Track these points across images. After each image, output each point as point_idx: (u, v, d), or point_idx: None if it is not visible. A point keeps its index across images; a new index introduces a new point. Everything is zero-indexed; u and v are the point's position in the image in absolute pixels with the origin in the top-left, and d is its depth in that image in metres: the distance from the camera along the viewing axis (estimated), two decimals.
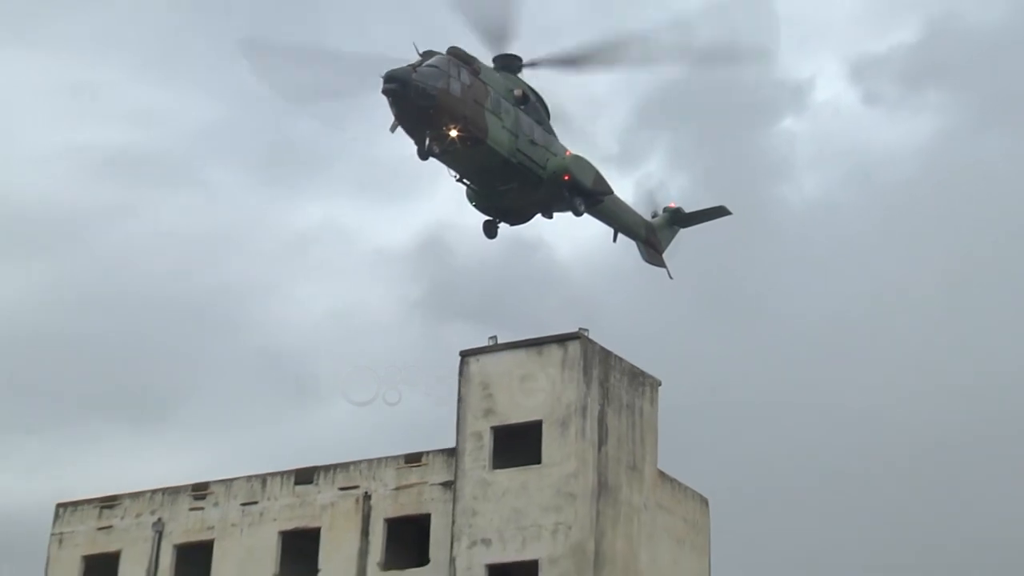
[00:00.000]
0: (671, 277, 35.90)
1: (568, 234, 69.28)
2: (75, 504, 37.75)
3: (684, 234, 37.51)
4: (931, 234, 76.00)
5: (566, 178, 29.64)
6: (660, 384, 35.24)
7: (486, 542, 31.50)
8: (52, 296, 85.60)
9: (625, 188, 34.39)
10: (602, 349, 33.43)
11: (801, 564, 62.27)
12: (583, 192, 30.11)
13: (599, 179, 30.72)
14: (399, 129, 26.91)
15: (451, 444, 32.97)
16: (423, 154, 27.03)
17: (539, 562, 30.82)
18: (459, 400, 33.12)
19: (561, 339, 32.82)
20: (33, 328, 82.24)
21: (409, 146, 27.90)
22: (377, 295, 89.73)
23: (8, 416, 78.58)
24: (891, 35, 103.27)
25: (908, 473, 66.76)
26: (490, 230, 30.65)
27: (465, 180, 29.41)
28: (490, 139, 27.75)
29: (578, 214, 30.71)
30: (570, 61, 29.74)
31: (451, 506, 32.17)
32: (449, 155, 27.74)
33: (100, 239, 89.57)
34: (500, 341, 33.68)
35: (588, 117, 32.14)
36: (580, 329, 33.19)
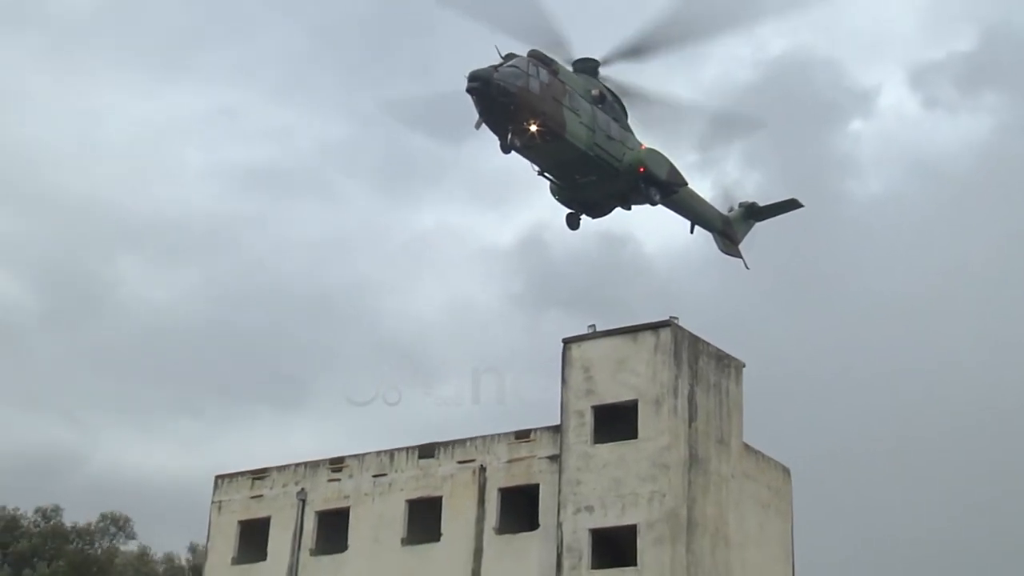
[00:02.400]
0: (747, 267, 34.18)
1: (654, 230, 69.29)
2: (231, 476, 38.57)
3: (759, 227, 36.73)
4: (984, 221, 74.76)
5: (641, 170, 28.59)
6: (744, 366, 35.06)
7: (589, 509, 31.86)
8: (205, 295, 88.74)
9: (703, 187, 33.73)
10: (691, 335, 33.38)
11: (874, 522, 61.55)
12: (658, 183, 29.12)
13: (673, 171, 29.72)
14: (483, 126, 25.89)
15: (556, 422, 33.35)
16: (505, 148, 26.27)
17: (637, 526, 31.15)
18: (563, 382, 33.27)
19: (654, 326, 32.82)
20: (190, 322, 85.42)
21: (510, 157, 27.18)
22: (485, 289, 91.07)
23: (173, 400, 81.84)
24: (948, 44, 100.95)
25: (974, 432, 65.49)
26: (572, 222, 29.67)
27: (547, 174, 28.61)
28: (568, 133, 26.88)
29: (653, 204, 29.57)
30: (637, 50, 28.02)
31: (557, 477, 32.53)
32: (530, 149, 26.93)
33: (245, 244, 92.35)
34: (598, 329, 33.68)
35: (670, 129, 31.06)
36: (671, 317, 33.10)
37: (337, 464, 36.70)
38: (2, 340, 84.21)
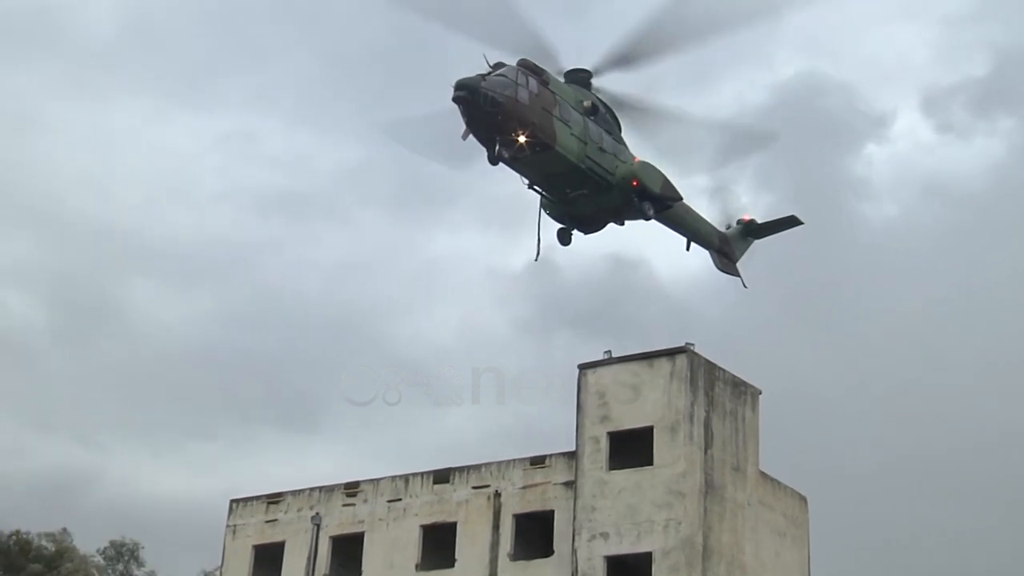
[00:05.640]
0: (745, 286, 31.44)
1: (666, 252, 68.75)
2: (246, 500, 38.50)
3: (771, 248, 35.58)
4: (997, 244, 74.39)
5: (635, 184, 27.23)
6: (760, 393, 34.57)
7: (604, 536, 31.65)
8: (219, 317, 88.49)
9: (705, 205, 32.79)
10: (707, 362, 32.94)
11: (892, 547, 60.81)
12: (652, 197, 27.72)
13: (667, 185, 28.27)
14: (471, 137, 24.49)
15: (571, 448, 33.26)
16: (493, 159, 24.90)
17: (652, 554, 31.14)
18: (578, 408, 32.95)
19: (670, 353, 32.56)
20: (204, 345, 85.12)
21: (520, 183, 26.24)
22: (497, 312, 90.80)
23: (187, 423, 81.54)
24: (962, 69, 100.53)
25: (990, 453, 64.76)
26: (564, 238, 28.16)
27: (537, 187, 27.12)
28: (559, 145, 25.53)
29: (647, 219, 28.02)
30: (627, 58, 26.71)
31: (572, 503, 32.33)
32: (519, 161, 25.51)
33: (260, 267, 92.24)
34: (613, 354, 33.26)
35: (671, 145, 30.12)
36: (687, 343, 32.71)
37: (352, 489, 36.63)
38: (16, 361, 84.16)
